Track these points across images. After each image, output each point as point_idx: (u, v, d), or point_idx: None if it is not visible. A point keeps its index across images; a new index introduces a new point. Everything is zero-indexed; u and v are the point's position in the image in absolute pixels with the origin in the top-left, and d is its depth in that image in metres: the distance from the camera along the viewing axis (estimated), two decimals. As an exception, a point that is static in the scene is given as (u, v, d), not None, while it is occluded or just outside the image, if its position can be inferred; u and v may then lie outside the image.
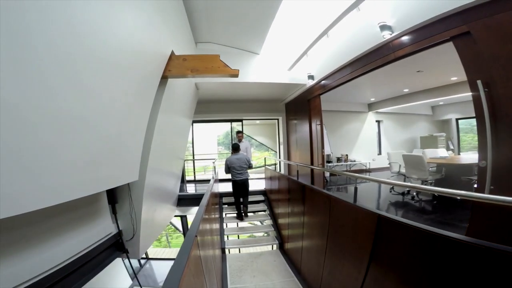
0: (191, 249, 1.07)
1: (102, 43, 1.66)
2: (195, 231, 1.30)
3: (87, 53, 1.53)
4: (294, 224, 3.96)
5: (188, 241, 1.16)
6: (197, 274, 1.22)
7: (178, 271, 0.83)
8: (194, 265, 1.15)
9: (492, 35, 2.09)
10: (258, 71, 5.53)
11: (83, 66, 1.52)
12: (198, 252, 1.30)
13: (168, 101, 3.29)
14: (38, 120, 1.24)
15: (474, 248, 1.11)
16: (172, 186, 4.94)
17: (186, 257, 0.96)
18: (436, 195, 4.53)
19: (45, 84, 1.23)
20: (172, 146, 4.28)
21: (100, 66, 1.70)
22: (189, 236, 1.25)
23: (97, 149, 1.92)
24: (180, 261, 0.92)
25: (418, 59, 4.32)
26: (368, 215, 1.85)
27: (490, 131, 2.10)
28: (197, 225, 1.41)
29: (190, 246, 1.10)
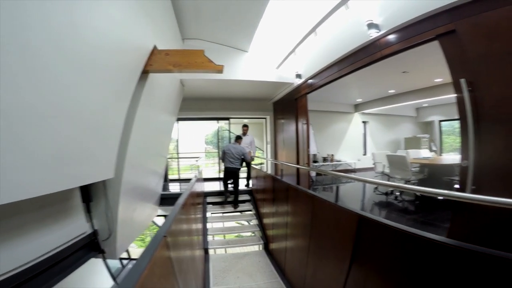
0: (156, 250, 0.97)
1: (78, 34, 1.58)
2: (164, 231, 1.20)
3: (60, 44, 1.44)
4: (278, 224, 3.90)
5: (154, 242, 1.06)
6: (165, 276, 1.12)
7: (135, 274, 0.73)
8: (160, 267, 1.06)
9: (478, 34, 2.07)
10: (246, 68, 5.45)
11: (54, 56, 1.42)
12: (168, 253, 1.20)
13: (149, 96, 3.17)
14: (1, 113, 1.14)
15: (455, 250, 1.06)
16: (154, 185, 4.79)
17: (148, 258, 0.86)
18: (419, 195, 4.59)
19: (10, 75, 1.15)
20: (153, 143, 4.13)
21: (73, 57, 1.60)
22: (156, 236, 1.15)
23: (67, 144, 1.79)
24: (140, 263, 0.82)
25: (404, 59, 4.38)
26: (349, 216, 1.80)
27: (472, 131, 2.09)
28: (168, 225, 1.30)
29: (155, 247, 1.00)
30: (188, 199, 2.51)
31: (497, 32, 1.93)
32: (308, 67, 5.04)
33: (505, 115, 1.90)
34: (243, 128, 6.22)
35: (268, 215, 4.55)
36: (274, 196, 4.10)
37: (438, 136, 9.52)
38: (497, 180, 1.93)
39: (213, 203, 5.50)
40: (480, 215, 1.99)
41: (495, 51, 1.95)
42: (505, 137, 1.89)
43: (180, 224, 1.77)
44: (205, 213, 5.08)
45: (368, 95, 8.00)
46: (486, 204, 1.09)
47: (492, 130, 1.98)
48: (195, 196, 3.51)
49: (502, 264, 0.92)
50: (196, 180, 4.06)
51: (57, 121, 1.61)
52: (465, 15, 2.18)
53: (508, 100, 1.89)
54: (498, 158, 1.93)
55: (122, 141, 2.68)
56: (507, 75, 1.88)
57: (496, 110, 1.96)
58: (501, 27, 1.90)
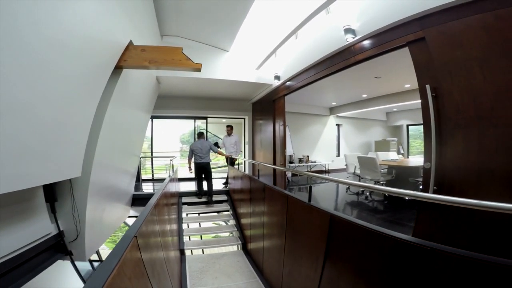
0: (126, 250, 0.93)
1: (43, 28, 1.50)
2: (134, 231, 1.15)
3: (21, 39, 1.35)
4: (255, 224, 3.91)
5: (124, 242, 1.01)
6: (137, 277, 1.07)
7: (103, 275, 0.69)
8: (131, 268, 1.01)
9: (444, 42, 2.19)
10: (227, 68, 5.43)
11: (13, 51, 1.33)
12: (139, 254, 1.15)
13: (122, 92, 3.08)
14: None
15: (419, 248, 1.13)
16: (125, 185, 4.59)
17: (117, 259, 0.82)
18: (387, 196, 4.85)
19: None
20: (125, 141, 3.96)
21: (36, 53, 1.51)
22: (126, 237, 1.10)
23: (27, 141, 1.66)
24: (108, 263, 0.78)
25: (377, 64, 4.59)
26: (322, 215, 1.85)
27: (434, 135, 2.24)
28: (138, 225, 1.25)
29: (125, 247, 0.96)
30: (161, 199, 2.44)
31: (460, 40, 2.06)
32: (287, 69, 5.12)
33: (463, 120, 2.06)
34: (227, 128, 6.24)
35: (246, 215, 4.55)
36: (251, 196, 4.11)
37: (405, 139, 10.11)
38: (456, 181, 2.09)
39: (188, 203, 5.39)
40: (442, 214, 2.14)
41: (457, 59, 2.09)
42: (463, 141, 2.05)
43: (152, 225, 1.71)
44: (181, 213, 4.96)
45: (343, 99, 8.31)
46: (445, 203, 1.17)
47: (453, 134, 2.13)
48: (169, 197, 3.42)
49: (458, 262, 0.99)
50: (170, 180, 3.96)
51: (15, 117, 1.49)
52: (434, 23, 2.30)
53: (466, 106, 2.04)
54: (457, 160, 2.09)
55: (91, 139, 2.57)
56: (466, 82, 2.03)
57: (456, 116, 2.11)
58: (464, 36, 2.03)
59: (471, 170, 1.97)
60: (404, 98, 6.71)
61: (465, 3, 2.04)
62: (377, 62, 4.46)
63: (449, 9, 2.16)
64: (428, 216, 2.30)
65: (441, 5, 2.18)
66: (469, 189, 1.99)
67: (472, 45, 1.98)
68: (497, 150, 1.81)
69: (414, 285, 1.15)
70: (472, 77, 1.99)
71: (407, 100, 6.61)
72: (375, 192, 5.28)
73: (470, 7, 2.02)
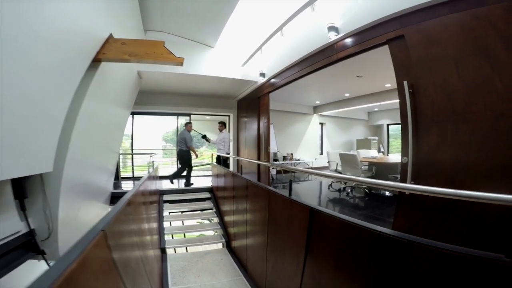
0: (90, 244, 0.86)
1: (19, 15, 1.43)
2: (102, 225, 1.08)
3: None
4: (239, 222, 3.88)
5: (88, 236, 0.94)
6: (104, 274, 1.00)
7: (57, 269, 0.63)
8: (98, 265, 0.94)
9: (422, 40, 2.25)
10: (212, 64, 5.35)
11: None
12: (108, 249, 1.08)
13: (100, 86, 2.96)
14: None
15: (397, 241, 1.14)
16: (103, 182, 4.41)
17: (77, 252, 0.75)
18: (368, 192, 4.97)
19: None
20: (103, 137, 3.81)
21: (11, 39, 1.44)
22: (92, 231, 1.02)
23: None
24: (67, 257, 0.71)
25: (359, 64, 4.71)
26: (301, 209, 1.84)
27: (411, 130, 2.30)
28: (108, 219, 1.17)
29: (89, 240, 0.89)
30: (137, 197, 2.35)
31: (437, 38, 2.12)
32: (272, 66, 5.12)
33: (437, 116, 2.13)
34: (218, 124, 6.33)
35: (229, 212, 4.50)
36: (234, 193, 4.07)
37: (385, 138, 10.42)
38: (432, 174, 2.15)
39: (169, 201, 5.27)
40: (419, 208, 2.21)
41: (432, 56, 2.16)
42: (437, 136, 2.12)
43: (127, 222, 1.63)
44: (162, 211, 4.84)
45: (326, 98, 8.44)
46: (423, 194, 1.18)
47: (428, 130, 2.19)
48: (147, 194, 3.31)
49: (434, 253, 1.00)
50: (150, 177, 3.85)
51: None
52: (413, 22, 2.35)
53: (441, 103, 2.11)
54: (432, 155, 2.15)
55: (64, 133, 2.44)
56: (441, 79, 2.09)
57: (431, 111, 2.18)
58: (441, 34, 2.10)
59: (445, 164, 2.04)
60: (384, 97, 6.91)
61: (442, 2, 2.10)
62: (359, 61, 4.56)
63: (427, 8, 2.22)
64: (406, 210, 2.36)
65: (420, 4, 2.24)
66: (444, 182, 2.05)
67: (448, 43, 2.04)
68: (471, 145, 1.87)
69: (393, 277, 1.16)
70: (447, 74, 2.05)
71: (387, 99, 6.81)
72: (356, 189, 5.40)
73: (447, 6, 2.08)
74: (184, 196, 5.48)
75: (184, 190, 5.72)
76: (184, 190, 5.74)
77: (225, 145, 6.09)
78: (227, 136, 6.12)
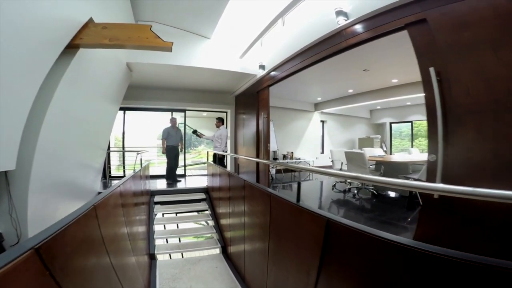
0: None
1: None
2: (35, 241, 0.72)
3: None
4: (236, 226, 3.51)
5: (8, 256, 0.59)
6: None
7: None
8: None
9: (448, 23, 1.99)
10: (208, 56, 5.02)
11: None
12: (45, 278, 0.72)
13: (78, 76, 2.66)
14: None
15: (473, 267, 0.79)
16: (89, 181, 4.04)
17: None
18: (376, 194, 4.64)
19: None
20: (85, 132, 3.46)
21: None
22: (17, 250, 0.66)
23: None
24: None
25: (367, 55, 4.40)
26: (314, 219, 1.49)
27: (441, 122, 1.97)
28: (48, 234, 0.81)
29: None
30: (113, 199, 1.99)
31: (465, 21, 1.87)
32: (272, 58, 4.77)
33: (474, 106, 1.79)
34: (215, 120, 6.00)
35: (225, 215, 4.14)
36: (230, 194, 3.71)
37: (388, 137, 10.13)
38: (467, 174, 1.82)
39: (161, 203, 4.90)
40: (450, 214, 1.88)
41: (464, 40, 1.88)
42: (474, 129, 1.79)
43: (89, 230, 1.28)
44: (152, 214, 4.47)
45: (329, 94, 8.10)
46: (461, 196, 0.84)
47: (462, 122, 1.87)
48: (130, 196, 2.95)
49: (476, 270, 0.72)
50: (135, 177, 3.49)
51: None
52: (435, 4, 2.10)
53: (477, 90, 1.79)
54: (467, 151, 1.82)
55: (31, 126, 2.12)
56: (475, 64, 1.80)
57: (465, 101, 1.85)
58: (470, 17, 1.85)
59: (485, 161, 1.71)
60: (390, 93, 6.59)
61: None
62: (366, 54, 4.28)
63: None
64: (432, 216, 2.03)
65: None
66: (483, 183, 1.71)
67: (480, 26, 1.78)
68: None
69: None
70: (484, 59, 1.76)
71: (393, 96, 6.49)
72: (362, 190, 5.06)
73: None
74: (177, 197, 5.11)
75: (177, 191, 5.36)
76: (177, 190, 5.38)
77: (222, 143, 5.71)
78: (224, 133, 5.74)
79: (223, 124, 5.99)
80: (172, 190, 5.36)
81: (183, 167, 7.40)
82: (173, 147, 5.94)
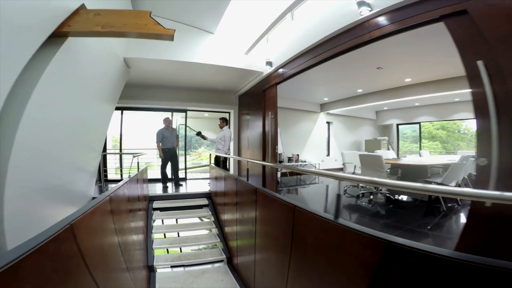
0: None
1: None
2: None
3: None
4: (244, 234, 3.18)
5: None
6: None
7: None
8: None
9: (497, 14, 1.78)
10: (211, 52, 4.71)
11: None
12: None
13: (66, 70, 2.36)
14: None
15: None
16: (81, 186, 3.71)
17: None
18: (393, 199, 4.34)
19: None
20: (75, 133, 3.12)
21: None
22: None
23: None
24: None
25: (382, 52, 4.12)
26: (366, 241, 1.17)
27: (495, 120, 1.68)
28: None
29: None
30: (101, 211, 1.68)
31: None
32: (281, 54, 4.48)
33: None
34: (219, 120, 5.64)
35: (230, 223, 3.82)
36: (237, 199, 3.39)
37: (395, 139, 9.86)
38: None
39: (160, 209, 4.57)
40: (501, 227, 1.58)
41: None
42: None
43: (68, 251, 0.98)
44: (150, 221, 4.14)
45: (336, 94, 7.80)
46: None
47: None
48: (125, 202, 2.62)
49: None
50: (132, 181, 3.18)
51: None
52: None
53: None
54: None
55: (5, 123, 1.79)
56: None
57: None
58: None
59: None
60: (403, 93, 6.30)
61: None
62: (381, 50, 4.01)
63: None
64: (481, 227, 1.75)
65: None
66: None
67: None
68: None
69: None
70: None
71: (406, 96, 6.20)
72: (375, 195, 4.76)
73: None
74: (178, 202, 4.78)
75: (177, 196, 5.03)
76: (178, 196, 5.05)
77: (225, 144, 5.38)
78: (227, 134, 5.41)
79: (226, 125, 5.67)
80: (173, 195, 5.03)
81: (184, 170, 7.06)
82: (169, 149, 5.61)
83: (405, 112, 9.36)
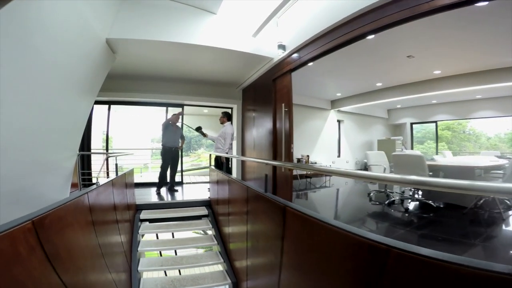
0: None
1: None
2: None
3: None
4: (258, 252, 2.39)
5: None
6: None
7: None
8: None
9: None
10: (213, 34, 3.96)
11: None
12: None
13: (18, 44, 1.77)
14: None
15: None
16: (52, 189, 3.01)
17: None
18: (435, 206, 3.59)
19: None
20: (40, 128, 2.43)
21: None
22: None
23: None
24: None
25: (416, 40, 3.47)
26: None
27: None
28: None
29: None
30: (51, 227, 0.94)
31: None
32: (297, 35, 3.75)
33: None
34: (221, 115, 4.97)
35: (238, 237, 3.04)
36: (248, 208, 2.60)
37: (409, 139, 9.19)
38: None
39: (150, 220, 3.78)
40: None
41: None
42: None
43: None
44: (136, 235, 3.37)
45: (351, 89, 7.08)
46: None
47: None
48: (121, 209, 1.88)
49: None
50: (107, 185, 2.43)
51: None
52: None
53: None
54: None
55: None
56: None
57: None
58: None
59: None
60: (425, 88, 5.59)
61: None
62: (416, 37, 3.37)
63: None
64: None
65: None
66: None
67: None
68: None
69: None
70: None
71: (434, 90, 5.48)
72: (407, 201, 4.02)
73: None
74: (172, 212, 3.99)
75: (171, 205, 4.26)
76: (171, 204, 4.28)
77: (225, 143, 4.61)
78: (229, 131, 4.66)
79: (228, 120, 4.92)
80: (165, 203, 4.26)
81: (180, 173, 6.29)
82: (170, 148, 4.86)
83: (420, 110, 8.69)
